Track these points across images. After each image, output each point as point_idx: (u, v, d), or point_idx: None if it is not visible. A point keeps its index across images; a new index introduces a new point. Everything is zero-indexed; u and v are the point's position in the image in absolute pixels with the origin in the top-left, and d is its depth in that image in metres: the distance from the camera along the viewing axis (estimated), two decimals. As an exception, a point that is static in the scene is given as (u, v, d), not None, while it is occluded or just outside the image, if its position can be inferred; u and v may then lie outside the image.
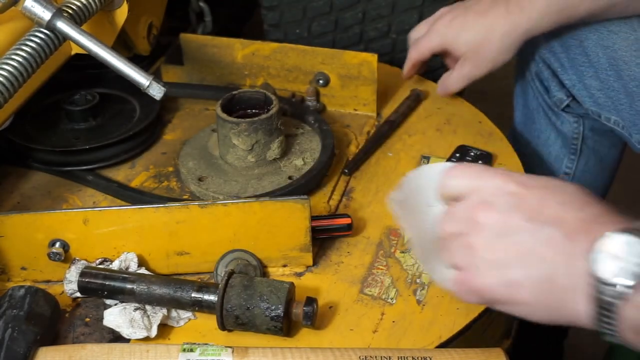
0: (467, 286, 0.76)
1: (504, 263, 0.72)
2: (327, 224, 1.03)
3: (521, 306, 0.73)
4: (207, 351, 0.83)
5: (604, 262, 0.64)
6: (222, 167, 1.14)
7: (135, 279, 0.92)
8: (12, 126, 1.15)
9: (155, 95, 0.99)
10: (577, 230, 0.69)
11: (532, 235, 0.71)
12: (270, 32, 1.49)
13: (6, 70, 0.93)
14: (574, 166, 1.36)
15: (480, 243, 0.74)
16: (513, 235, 0.72)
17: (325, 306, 0.94)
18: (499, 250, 0.72)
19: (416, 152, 1.21)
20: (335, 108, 1.32)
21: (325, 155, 1.14)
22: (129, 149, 1.20)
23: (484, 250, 0.74)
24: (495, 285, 0.73)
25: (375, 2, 1.43)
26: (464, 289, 0.77)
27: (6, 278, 0.98)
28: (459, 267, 0.77)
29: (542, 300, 0.71)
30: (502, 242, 0.72)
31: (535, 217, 0.71)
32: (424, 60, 1.28)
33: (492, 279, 0.73)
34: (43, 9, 0.95)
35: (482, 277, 0.74)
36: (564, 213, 0.70)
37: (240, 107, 1.15)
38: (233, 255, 0.97)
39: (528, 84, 1.35)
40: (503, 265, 0.72)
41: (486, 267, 0.73)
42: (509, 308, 0.75)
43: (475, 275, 0.74)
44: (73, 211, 0.95)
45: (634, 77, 1.14)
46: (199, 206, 0.95)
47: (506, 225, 0.72)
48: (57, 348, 0.85)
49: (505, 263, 0.72)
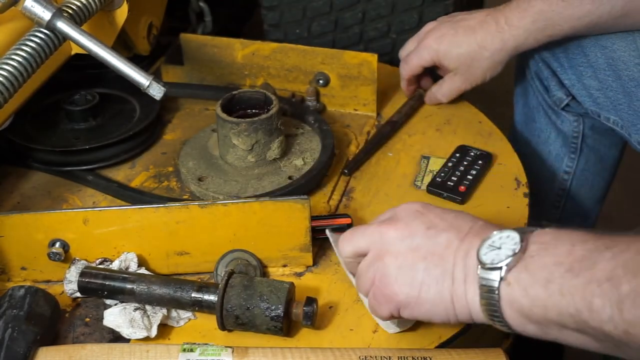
0: (379, 295, 0.81)
1: (409, 265, 0.79)
2: (327, 224, 1.03)
3: (425, 305, 0.79)
4: (207, 351, 0.83)
5: (487, 252, 0.75)
6: (222, 167, 1.14)
7: (135, 279, 0.92)
8: (12, 126, 1.15)
9: (155, 95, 0.99)
10: (470, 234, 0.79)
11: (432, 240, 0.80)
12: (270, 32, 1.49)
13: (6, 70, 0.93)
14: (574, 165, 1.36)
15: (388, 253, 0.81)
16: (415, 239, 0.80)
17: (325, 306, 0.94)
18: (404, 255, 0.80)
19: (416, 152, 1.21)
20: (335, 108, 1.32)
21: (325, 155, 1.14)
22: (129, 149, 1.20)
23: (391, 258, 0.81)
24: (404, 288, 0.79)
25: (375, 2, 1.43)
26: (377, 299, 0.82)
27: (6, 278, 0.98)
28: (373, 283, 0.82)
29: (443, 296, 0.78)
30: (406, 248, 0.80)
31: (434, 226, 0.81)
32: (416, 74, 1.29)
33: (400, 282, 0.80)
34: (43, 9, 0.95)
35: (392, 283, 0.80)
36: (458, 223, 0.81)
37: (240, 107, 1.15)
38: (233, 255, 0.97)
39: (528, 83, 1.35)
40: (409, 267, 0.79)
41: (395, 273, 0.80)
42: (414, 311, 0.80)
43: (386, 283, 0.81)
44: (73, 211, 0.95)
45: (632, 78, 1.14)
46: (199, 206, 0.95)
47: (409, 232, 0.81)
48: (57, 348, 0.85)
49: (410, 265, 0.79)
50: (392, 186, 1.15)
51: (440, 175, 1.14)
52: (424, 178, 1.15)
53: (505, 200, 1.10)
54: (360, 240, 0.85)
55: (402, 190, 1.14)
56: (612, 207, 1.63)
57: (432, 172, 1.16)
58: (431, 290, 0.78)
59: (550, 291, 0.70)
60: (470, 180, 1.13)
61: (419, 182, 1.15)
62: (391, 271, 0.80)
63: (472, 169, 1.14)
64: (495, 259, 0.74)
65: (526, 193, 1.11)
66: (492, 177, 1.15)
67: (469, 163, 1.16)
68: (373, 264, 0.82)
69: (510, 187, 1.13)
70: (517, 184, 1.13)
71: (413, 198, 1.11)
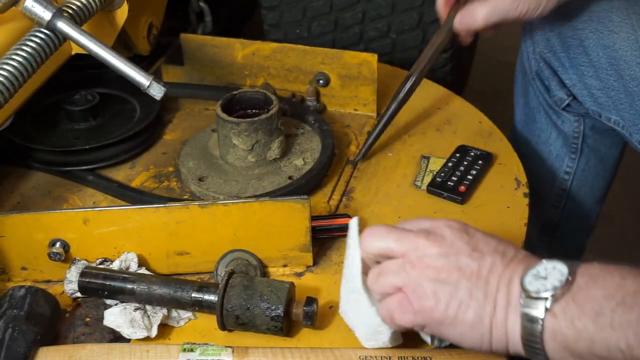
0: (406, 304, 0.78)
1: (451, 283, 0.77)
2: (327, 224, 1.03)
3: (461, 327, 0.76)
4: (207, 351, 0.83)
5: (532, 281, 0.73)
6: (222, 167, 1.14)
7: (135, 279, 0.92)
8: (12, 126, 1.15)
9: (155, 95, 0.99)
10: (514, 260, 0.77)
11: (477, 262, 0.77)
12: (270, 32, 1.49)
13: (6, 70, 0.93)
14: (575, 165, 1.36)
15: (428, 265, 0.78)
16: (461, 259, 0.78)
17: (326, 306, 0.94)
18: (447, 271, 0.77)
19: (416, 152, 1.21)
20: (335, 108, 1.32)
21: (325, 155, 1.14)
22: (129, 149, 1.20)
23: (432, 271, 0.77)
24: (442, 305, 0.76)
25: (375, 2, 1.43)
26: (402, 307, 0.79)
27: (6, 278, 0.98)
28: (398, 289, 0.79)
29: (482, 321, 0.75)
30: (450, 265, 0.77)
31: (479, 249, 0.78)
32: None
33: (440, 299, 0.76)
34: (43, 9, 0.95)
35: (427, 297, 0.77)
36: (502, 248, 0.79)
37: (240, 107, 1.15)
38: (233, 255, 0.97)
39: (529, 83, 1.35)
40: (450, 284, 0.77)
41: (433, 287, 0.77)
42: (447, 330, 0.77)
43: (421, 295, 0.77)
44: (73, 211, 0.95)
45: (634, 77, 1.14)
46: (199, 206, 0.95)
47: (454, 251, 0.78)
48: (57, 348, 0.85)
49: (452, 283, 0.76)
50: (392, 186, 1.15)
51: (441, 175, 1.14)
52: (424, 178, 1.15)
53: (505, 200, 1.10)
54: (394, 243, 0.81)
55: (402, 190, 1.14)
56: (612, 207, 1.63)
57: (432, 172, 1.15)
58: (469, 312, 0.76)
59: (599, 325, 0.68)
60: (471, 180, 1.13)
61: (419, 182, 1.15)
62: (428, 284, 0.77)
63: (472, 169, 1.14)
64: (540, 288, 0.72)
65: (526, 193, 1.11)
66: (492, 177, 1.15)
67: (469, 163, 1.16)
68: (404, 271, 0.79)
69: (510, 187, 1.13)
70: (517, 184, 1.13)
71: (413, 198, 1.12)
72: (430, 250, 0.78)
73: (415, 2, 1.42)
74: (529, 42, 1.29)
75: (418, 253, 0.79)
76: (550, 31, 1.24)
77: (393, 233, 0.82)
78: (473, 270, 0.77)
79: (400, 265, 0.79)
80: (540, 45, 1.27)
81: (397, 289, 0.79)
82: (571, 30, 1.21)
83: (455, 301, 0.76)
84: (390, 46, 1.48)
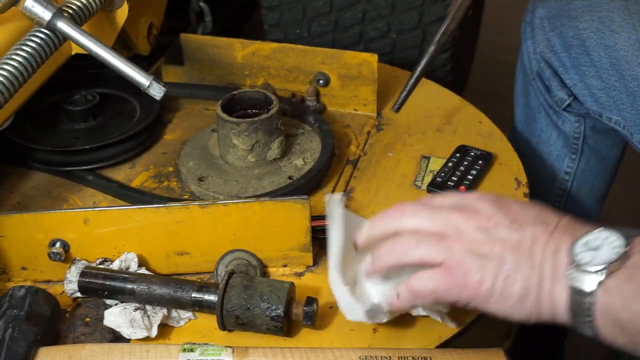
0: (453, 284, 0.75)
1: (497, 258, 0.73)
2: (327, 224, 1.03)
3: (509, 301, 0.74)
4: (207, 351, 0.83)
5: (582, 252, 0.70)
6: (222, 167, 1.14)
7: (135, 279, 0.92)
8: (12, 126, 1.15)
9: (155, 95, 0.99)
10: (558, 229, 0.74)
11: (517, 233, 0.74)
12: (270, 32, 1.49)
13: (6, 70, 0.93)
14: (575, 166, 1.36)
15: (468, 241, 0.75)
16: (500, 231, 0.74)
17: (326, 306, 0.94)
18: (487, 245, 0.74)
19: (416, 152, 1.21)
20: (335, 108, 1.32)
21: (325, 155, 1.14)
22: (129, 149, 1.20)
23: (474, 246, 0.75)
24: (489, 280, 0.73)
25: (375, 2, 1.43)
26: (449, 286, 0.76)
27: (6, 278, 0.98)
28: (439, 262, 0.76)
29: (529, 293, 0.73)
30: (491, 238, 0.74)
31: (518, 220, 0.75)
32: None
33: (486, 274, 0.73)
34: (43, 9, 0.95)
35: (474, 273, 0.74)
36: (544, 217, 0.75)
37: (240, 107, 1.15)
38: (233, 255, 0.97)
39: (529, 83, 1.35)
40: (495, 259, 0.73)
41: (479, 263, 0.74)
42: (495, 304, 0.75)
43: (465, 271, 0.74)
44: (73, 211, 0.96)
45: (635, 77, 1.14)
46: (199, 206, 0.95)
47: (494, 224, 0.75)
48: (57, 348, 0.85)
49: (496, 257, 0.73)
50: (392, 186, 1.15)
51: (441, 175, 1.14)
52: (424, 178, 1.15)
53: (505, 200, 1.10)
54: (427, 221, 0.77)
55: (402, 190, 1.14)
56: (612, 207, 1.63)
57: (433, 172, 1.16)
58: (516, 286, 0.73)
59: None
60: (471, 180, 1.13)
61: (419, 182, 1.15)
62: (472, 260, 0.74)
63: (473, 169, 1.14)
64: (592, 261, 0.69)
65: (526, 193, 1.11)
66: (493, 177, 1.15)
67: (469, 163, 1.16)
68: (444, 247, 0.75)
69: (510, 187, 1.13)
70: (517, 184, 1.13)
71: (413, 198, 1.11)
72: (467, 225, 0.76)
73: (415, 2, 1.42)
74: (530, 42, 1.29)
75: (455, 229, 0.76)
76: (551, 31, 1.24)
77: (425, 210, 0.79)
78: (515, 243, 0.74)
79: (438, 241, 0.76)
80: (541, 45, 1.27)
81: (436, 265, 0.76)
82: (572, 30, 1.21)
83: (501, 275, 0.73)
84: (390, 46, 1.48)
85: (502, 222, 0.75)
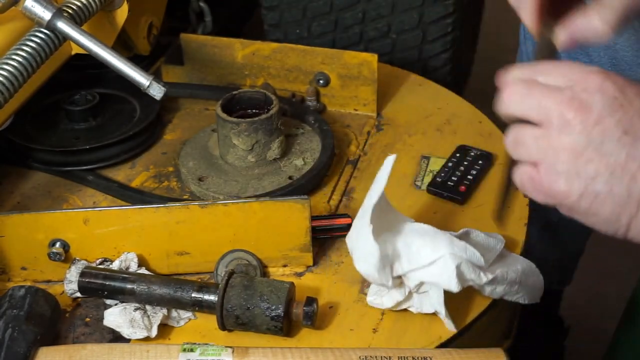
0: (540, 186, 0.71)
1: (591, 174, 0.67)
2: (327, 224, 1.03)
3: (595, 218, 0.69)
4: (207, 351, 0.83)
5: None
6: (222, 167, 1.14)
7: (135, 279, 0.92)
8: (12, 126, 1.15)
9: (155, 95, 0.99)
10: None
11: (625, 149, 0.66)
12: (270, 32, 1.49)
13: (6, 70, 0.93)
14: (575, 165, 1.36)
15: (566, 144, 0.68)
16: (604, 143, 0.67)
17: (326, 306, 0.94)
18: (588, 158, 0.67)
19: (416, 152, 1.21)
20: (335, 108, 1.32)
21: (325, 155, 1.14)
22: (129, 149, 1.20)
23: (570, 154, 0.68)
24: (575, 195, 0.68)
25: (375, 2, 1.43)
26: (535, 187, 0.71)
27: (6, 278, 0.98)
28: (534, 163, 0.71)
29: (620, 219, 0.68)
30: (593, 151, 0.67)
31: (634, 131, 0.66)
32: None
33: (573, 187, 0.68)
34: (43, 9, 0.96)
35: (561, 183, 0.69)
36: None
37: (240, 107, 1.15)
38: (233, 255, 0.97)
39: (529, 83, 1.35)
40: (590, 176, 0.67)
41: (569, 174, 0.68)
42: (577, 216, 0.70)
43: (554, 179, 0.69)
44: (73, 211, 0.96)
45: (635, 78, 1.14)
46: (199, 206, 0.95)
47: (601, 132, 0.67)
48: (57, 348, 0.85)
49: (592, 175, 0.67)
50: (392, 186, 1.14)
51: (441, 175, 1.14)
52: (424, 178, 1.15)
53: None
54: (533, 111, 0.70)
55: (402, 190, 1.13)
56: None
57: (433, 172, 1.16)
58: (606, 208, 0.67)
59: None
60: (471, 180, 1.13)
61: (419, 182, 1.15)
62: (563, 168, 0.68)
63: (473, 169, 1.14)
64: None
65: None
66: (493, 177, 1.15)
67: (469, 163, 1.16)
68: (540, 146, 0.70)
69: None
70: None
71: (413, 198, 1.12)
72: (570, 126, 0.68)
73: (415, 2, 1.43)
74: (529, 42, 1.29)
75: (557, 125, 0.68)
76: None
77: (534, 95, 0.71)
78: (618, 161, 0.66)
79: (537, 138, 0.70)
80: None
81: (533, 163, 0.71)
82: (572, 30, 1.20)
83: (590, 193, 0.67)
84: (390, 46, 1.48)
85: (612, 132, 0.66)
